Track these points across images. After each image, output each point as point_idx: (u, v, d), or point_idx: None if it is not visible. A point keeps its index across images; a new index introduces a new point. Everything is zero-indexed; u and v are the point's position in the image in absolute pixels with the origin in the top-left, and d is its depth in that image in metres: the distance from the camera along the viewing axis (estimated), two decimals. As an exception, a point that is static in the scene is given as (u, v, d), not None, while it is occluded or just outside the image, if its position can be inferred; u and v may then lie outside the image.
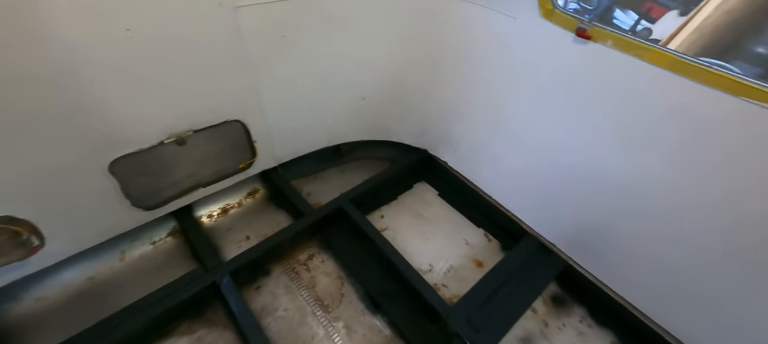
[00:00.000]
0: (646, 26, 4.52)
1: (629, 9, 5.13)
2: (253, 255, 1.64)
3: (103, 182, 1.37)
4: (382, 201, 2.15)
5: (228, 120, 1.63)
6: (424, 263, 1.84)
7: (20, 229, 1.22)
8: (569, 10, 1.40)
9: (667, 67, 1.22)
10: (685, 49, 2.70)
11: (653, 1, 5.35)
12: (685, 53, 1.21)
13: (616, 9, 5.21)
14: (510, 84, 1.68)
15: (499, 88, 1.73)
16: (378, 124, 2.24)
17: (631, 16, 5.07)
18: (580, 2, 4.65)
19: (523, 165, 1.77)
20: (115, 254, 1.68)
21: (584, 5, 4.67)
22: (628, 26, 4.64)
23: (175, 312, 1.46)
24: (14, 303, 1.46)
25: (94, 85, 1.17)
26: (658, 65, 1.23)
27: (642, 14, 5.19)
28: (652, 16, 5.29)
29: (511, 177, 1.86)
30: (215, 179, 1.79)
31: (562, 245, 1.75)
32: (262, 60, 1.54)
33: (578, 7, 4.58)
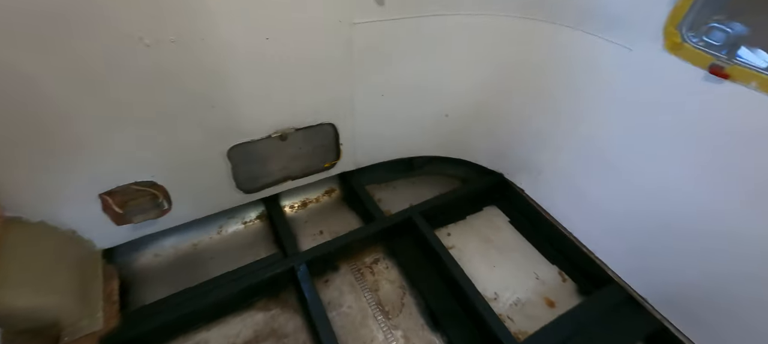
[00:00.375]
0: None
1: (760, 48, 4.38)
2: (327, 249, 1.75)
3: (221, 164, 1.61)
4: (451, 218, 2.14)
5: (324, 122, 1.79)
6: (489, 290, 1.78)
7: (158, 193, 1.49)
8: (701, 44, 1.27)
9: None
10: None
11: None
12: None
13: (742, 46, 4.48)
14: (614, 118, 1.55)
15: (600, 120, 1.61)
16: (455, 141, 2.24)
17: (763, 56, 4.33)
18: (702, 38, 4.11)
19: (618, 205, 1.61)
20: (214, 227, 1.94)
21: (707, 40, 4.11)
22: (762, 67, 3.95)
23: (257, 288, 1.63)
24: (139, 255, 1.77)
25: (232, 82, 1.39)
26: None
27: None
28: (791, 53, 4.45)
29: (600, 217, 1.71)
30: (302, 174, 1.96)
31: (658, 302, 1.54)
32: (362, 71, 1.68)
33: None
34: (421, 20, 1.65)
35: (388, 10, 1.53)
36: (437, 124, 2.14)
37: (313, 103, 1.67)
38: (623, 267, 1.65)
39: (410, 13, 1.60)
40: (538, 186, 2.03)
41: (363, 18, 1.49)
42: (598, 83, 1.58)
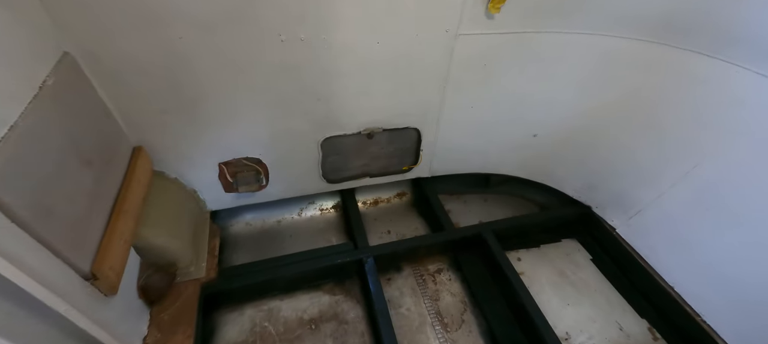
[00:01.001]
0: None
1: None
2: (394, 248, 1.80)
3: (314, 152, 1.77)
4: (523, 243, 2.02)
5: (409, 126, 1.85)
6: (560, 328, 1.64)
7: (260, 169, 1.71)
8: None
9: None
10: None
11: None
12: None
13: None
14: (751, 163, 1.32)
15: (730, 164, 1.38)
16: (540, 164, 2.12)
17: None
18: None
19: (741, 265, 1.36)
20: (296, 209, 2.14)
21: None
22: None
23: (327, 272, 1.75)
24: (235, 222, 2.04)
25: (339, 79, 1.53)
26: None
27: None
28: None
29: (713, 275, 1.45)
30: (380, 173, 2.05)
31: (781, 391, 1.26)
32: (457, 81, 1.69)
33: None
34: (529, 36, 1.58)
35: (497, 23, 1.51)
36: (524, 143, 2.04)
37: (404, 107, 1.74)
38: (736, 336, 1.38)
39: (518, 29, 1.55)
40: (633, 226, 1.81)
41: (469, 30, 1.50)
42: (735, 121, 1.36)
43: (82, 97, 1.12)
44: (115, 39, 1.16)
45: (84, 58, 1.15)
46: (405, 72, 1.58)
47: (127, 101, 1.30)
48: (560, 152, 2.00)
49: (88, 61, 1.17)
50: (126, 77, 1.24)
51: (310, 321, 1.61)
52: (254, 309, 1.64)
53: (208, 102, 1.41)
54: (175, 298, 1.40)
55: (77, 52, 1.14)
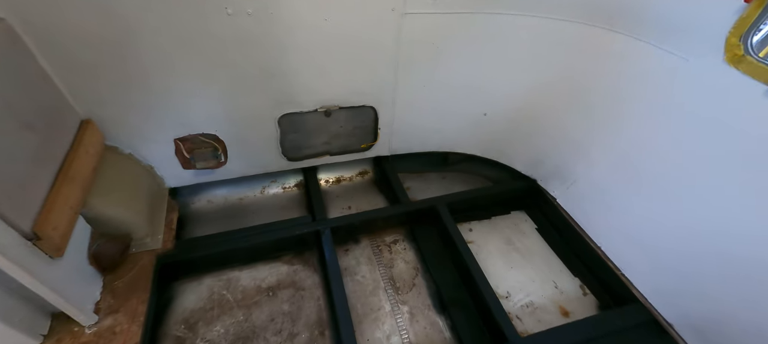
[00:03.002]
0: None
1: None
2: (351, 221, 1.90)
3: (272, 129, 1.83)
4: (476, 216, 2.16)
5: (366, 105, 1.93)
6: (502, 288, 1.78)
7: (218, 146, 1.75)
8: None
9: None
10: None
11: None
12: None
13: None
14: (659, 134, 1.48)
15: (642, 135, 1.54)
16: (493, 143, 2.26)
17: None
18: None
19: (655, 226, 1.53)
20: (259, 187, 2.19)
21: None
22: None
23: (285, 243, 1.83)
24: (196, 199, 2.08)
25: (291, 56, 1.59)
26: None
27: None
28: None
29: (633, 235, 1.63)
30: (341, 151, 2.13)
31: (685, 330, 1.44)
32: (408, 60, 1.78)
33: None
34: (475, 17, 1.69)
35: (441, 3, 1.60)
36: (476, 122, 2.17)
37: (358, 85, 1.82)
38: (652, 289, 1.56)
39: (464, 9, 1.65)
40: (570, 196, 1.97)
41: (415, 9, 1.59)
42: (645, 95, 1.52)
43: (18, 64, 1.14)
44: (54, 8, 1.17)
45: (21, 25, 1.17)
46: (356, 50, 1.66)
47: (71, 72, 1.32)
48: (509, 130, 2.13)
49: (25, 29, 1.18)
50: (67, 47, 1.26)
51: (268, 289, 1.69)
52: (213, 278, 1.70)
53: (157, 76, 1.44)
54: (131, 267, 1.45)
55: (14, 19, 1.15)
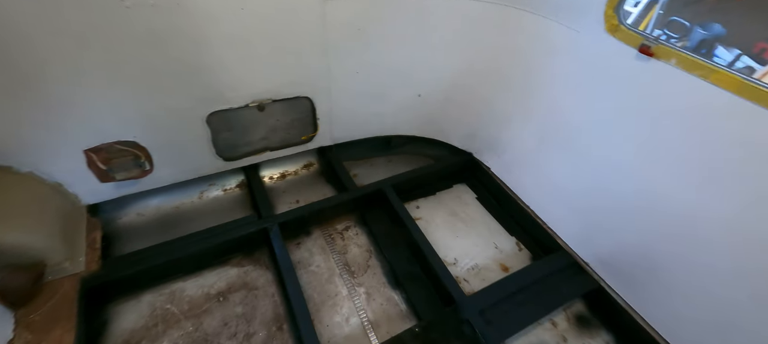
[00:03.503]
0: (749, 65, 4.02)
1: (736, 48, 4.61)
2: (300, 214, 1.88)
3: (201, 130, 1.72)
4: (421, 193, 2.27)
5: (300, 95, 1.91)
6: (450, 256, 1.92)
7: (140, 153, 1.60)
8: (650, 30, 1.41)
9: (734, 90, 1.17)
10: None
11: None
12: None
13: (719, 46, 4.71)
14: (565, 97, 1.70)
15: (554, 100, 1.75)
16: (430, 122, 2.37)
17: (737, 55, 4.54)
18: (668, 34, 4.29)
19: (568, 179, 1.76)
20: (196, 192, 2.06)
21: (669, 32, 4.30)
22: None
23: (231, 246, 1.75)
24: (124, 214, 1.89)
25: (210, 49, 1.50)
26: (725, 88, 1.19)
27: (753, 55, 4.65)
28: (765, 57, 4.69)
29: (553, 190, 1.85)
30: (281, 146, 2.08)
31: (597, 266, 1.69)
32: (337, 47, 1.79)
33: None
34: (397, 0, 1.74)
35: None
36: (412, 104, 2.26)
37: (290, 76, 1.79)
38: (571, 235, 1.80)
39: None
40: (502, 164, 2.17)
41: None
42: (551, 66, 1.72)
43: None
44: None
45: None
46: (281, 39, 1.62)
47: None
48: (444, 109, 2.26)
49: None
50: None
51: (217, 295, 1.62)
52: (154, 294, 1.58)
53: (52, 81, 1.28)
54: (49, 297, 1.29)
55: None
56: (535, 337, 1.60)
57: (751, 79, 1.14)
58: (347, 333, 1.55)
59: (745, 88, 1.14)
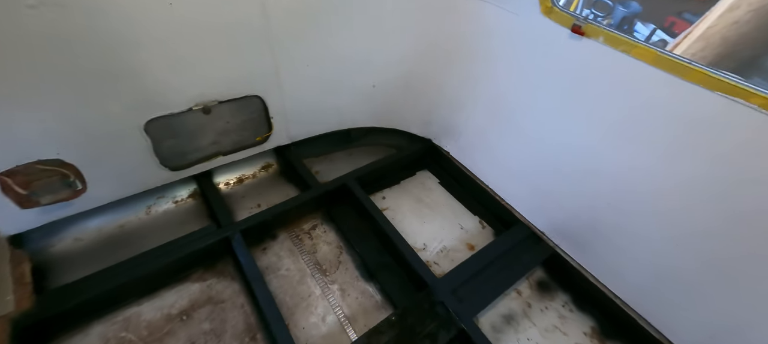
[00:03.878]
0: (663, 39, 4.53)
1: (651, 23, 5.17)
2: (263, 218, 1.80)
3: (139, 139, 1.57)
4: (386, 184, 2.29)
5: (249, 94, 1.80)
6: (419, 242, 1.96)
7: (68, 172, 1.42)
8: (581, 11, 1.51)
9: (651, 62, 1.31)
10: (690, 57, 2.72)
11: (678, 17, 5.38)
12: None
13: (637, 22, 5.25)
14: (509, 78, 1.79)
15: (499, 81, 1.84)
16: (387, 112, 2.38)
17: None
18: (595, 13, 4.68)
19: (519, 156, 1.87)
20: (142, 208, 1.88)
21: (596, 11, 4.71)
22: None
23: (190, 260, 1.64)
24: (57, 241, 1.67)
25: (137, 50, 1.36)
26: (644, 61, 1.32)
27: (664, 29, 5.22)
28: (674, 30, 5.30)
29: (507, 168, 1.96)
30: (234, 149, 1.97)
31: (551, 234, 1.83)
32: (283, 40, 1.71)
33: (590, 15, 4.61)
34: None
35: None
36: (368, 95, 2.25)
37: (235, 74, 1.68)
38: (527, 208, 1.92)
39: None
40: (460, 147, 2.25)
41: None
42: (494, 49, 1.80)
43: None
44: None
45: None
46: (219, 35, 1.52)
47: None
48: (400, 97, 2.28)
49: None
50: None
51: (180, 314, 1.51)
52: (105, 323, 1.43)
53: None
54: (-27, 347, 1.11)
55: None
56: (503, 307, 1.70)
57: (664, 52, 1.29)
58: (325, 332, 1.53)
59: (660, 60, 1.29)
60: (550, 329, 1.65)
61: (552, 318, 1.69)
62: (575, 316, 1.71)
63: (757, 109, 1.11)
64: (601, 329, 1.66)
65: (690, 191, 1.31)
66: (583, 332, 1.65)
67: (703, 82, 1.20)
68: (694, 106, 1.24)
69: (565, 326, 1.67)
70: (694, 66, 1.21)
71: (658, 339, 1.49)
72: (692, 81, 1.22)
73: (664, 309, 1.48)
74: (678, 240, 1.37)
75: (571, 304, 1.75)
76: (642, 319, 1.55)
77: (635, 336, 1.57)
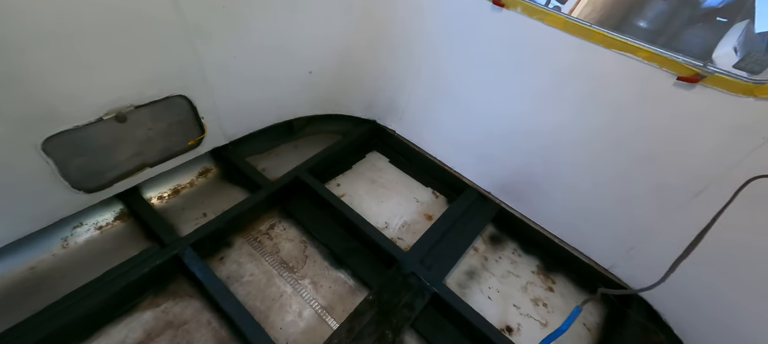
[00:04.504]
0: (556, 5, 5.18)
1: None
2: (214, 227, 1.66)
3: (37, 162, 1.29)
4: (338, 171, 2.27)
5: (171, 95, 1.60)
6: (381, 222, 2.01)
7: (-53, 213, 1.12)
8: None
9: (562, 28, 1.50)
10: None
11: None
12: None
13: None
14: (445, 53, 1.89)
15: (433, 57, 1.93)
16: (328, 98, 2.33)
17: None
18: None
19: (462, 126, 2.01)
20: (56, 242, 1.58)
21: None
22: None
23: (135, 288, 1.45)
24: (-62, 303, 1.33)
25: (25, 54, 1.11)
26: (556, 27, 1.51)
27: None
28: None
29: (452, 139, 2.10)
30: (163, 158, 1.75)
31: (497, 192, 2.04)
32: (202, 32, 1.54)
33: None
34: None
35: None
36: (305, 83, 2.16)
37: (150, 74, 1.47)
38: (473, 173, 2.10)
39: None
40: (404, 124, 2.32)
41: None
42: (425, 26, 1.88)
43: None
44: None
45: None
46: (127, 29, 1.31)
47: None
48: (338, 81, 2.24)
49: None
50: None
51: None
52: (37, 386, 1.20)
53: None
54: None
55: None
56: (465, 265, 1.86)
57: (570, 17, 1.49)
58: (304, 327, 1.51)
59: (568, 25, 1.48)
60: (505, 274, 1.87)
61: (505, 265, 1.91)
62: (523, 259, 1.95)
63: (642, 61, 1.36)
64: (544, 265, 1.93)
65: (599, 140, 1.56)
66: (531, 271, 1.90)
67: (602, 41, 1.42)
68: (596, 64, 1.46)
69: (516, 269, 1.90)
70: (594, 28, 1.43)
71: (588, 263, 1.80)
72: (594, 41, 1.44)
73: (590, 239, 1.78)
74: (595, 182, 1.64)
75: (519, 250, 1.99)
76: (575, 250, 1.84)
77: (571, 265, 1.86)
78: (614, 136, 1.52)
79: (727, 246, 1.32)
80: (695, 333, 1.53)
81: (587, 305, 1.80)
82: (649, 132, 1.42)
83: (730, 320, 1.39)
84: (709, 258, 1.31)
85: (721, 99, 1.23)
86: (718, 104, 1.24)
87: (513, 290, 1.81)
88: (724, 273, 1.38)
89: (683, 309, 1.56)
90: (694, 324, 1.53)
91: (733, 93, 1.20)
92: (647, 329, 1.66)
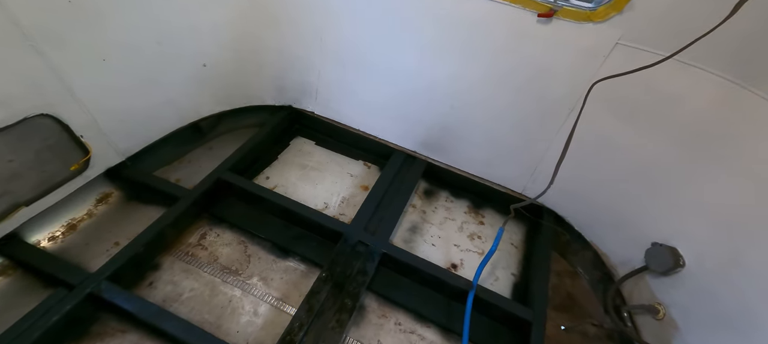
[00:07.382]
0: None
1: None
2: (130, 253, 1.47)
3: None
4: (264, 164, 2.17)
5: (28, 116, 1.33)
6: (320, 203, 2.01)
7: None
8: None
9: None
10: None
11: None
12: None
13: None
14: (346, 24, 1.88)
15: (339, 30, 1.91)
16: (232, 91, 2.17)
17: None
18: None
19: (374, 92, 2.06)
20: None
21: None
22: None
23: (49, 340, 1.23)
24: None
25: None
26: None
27: None
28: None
29: (369, 107, 2.15)
30: (40, 193, 1.46)
31: (421, 150, 2.18)
32: (47, 34, 1.29)
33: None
34: None
35: None
36: (201, 78, 1.97)
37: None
38: (397, 136, 2.20)
39: None
40: (321, 103, 2.29)
41: None
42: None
43: None
44: None
45: None
46: None
47: None
48: (240, 70, 2.10)
49: None
50: None
51: (64, 412, 1.15)
52: None
53: None
54: None
55: None
56: (407, 222, 1.99)
57: None
58: (262, 323, 1.47)
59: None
60: (443, 221, 2.05)
61: (441, 212, 2.10)
62: (455, 204, 2.16)
63: (509, 5, 1.54)
64: (473, 204, 2.17)
65: (487, 81, 1.76)
66: (464, 211, 2.13)
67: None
68: (472, 12, 1.59)
69: (451, 214, 2.10)
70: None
71: (506, 192, 2.07)
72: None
73: (503, 170, 2.04)
74: (495, 117, 1.86)
75: (450, 197, 2.19)
76: (494, 184, 2.10)
77: (494, 197, 2.13)
78: (498, 73, 1.71)
79: (587, 142, 1.64)
80: (584, 218, 1.91)
81: (512, 226, 2.10)
82: (524, 65, 1.64)
83: (600, 199, 1.77)
84: (578, 156, 1.57)
85: (570, 27, 1.48)
86: (568, 32, 1.49)
87: (451, 232, 2.00)
88: (589, 163, 1.72)
89: (572, 205, 1.92)
90: (581, 211, 1.90)
91: (578, 21, 1.47)
92: (557, 232, 2.01)
